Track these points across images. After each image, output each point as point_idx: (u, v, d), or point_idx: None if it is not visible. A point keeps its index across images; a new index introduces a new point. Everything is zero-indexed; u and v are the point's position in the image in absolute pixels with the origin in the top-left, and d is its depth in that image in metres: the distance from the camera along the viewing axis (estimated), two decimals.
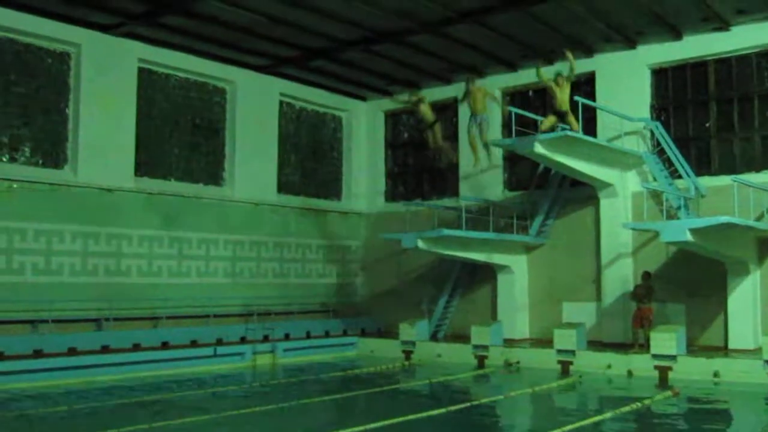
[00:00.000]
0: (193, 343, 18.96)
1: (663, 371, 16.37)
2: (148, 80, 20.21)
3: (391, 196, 25.43)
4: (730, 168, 18.58)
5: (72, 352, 16.67)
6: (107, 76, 18.92)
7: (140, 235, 19.47)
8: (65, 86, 18.61)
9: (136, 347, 17.86)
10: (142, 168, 19.89)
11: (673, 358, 16.36)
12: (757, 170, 18.26)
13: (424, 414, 12.00)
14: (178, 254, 20.28)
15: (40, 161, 18.23)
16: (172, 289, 19.86)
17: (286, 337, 21.09)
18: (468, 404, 13.23)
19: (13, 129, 17.83)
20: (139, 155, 19.78)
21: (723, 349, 17.35)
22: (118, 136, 19.13)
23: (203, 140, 21.58)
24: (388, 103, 25.12)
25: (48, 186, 17.86)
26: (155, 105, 20.44)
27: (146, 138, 20.07)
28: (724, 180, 17.40)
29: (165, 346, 18.43)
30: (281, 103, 23.50)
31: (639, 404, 12.97)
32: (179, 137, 20.98)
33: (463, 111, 23.06)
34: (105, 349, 17.29)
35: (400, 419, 11.43)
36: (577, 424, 11.32)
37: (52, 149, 18.44)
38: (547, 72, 17.55)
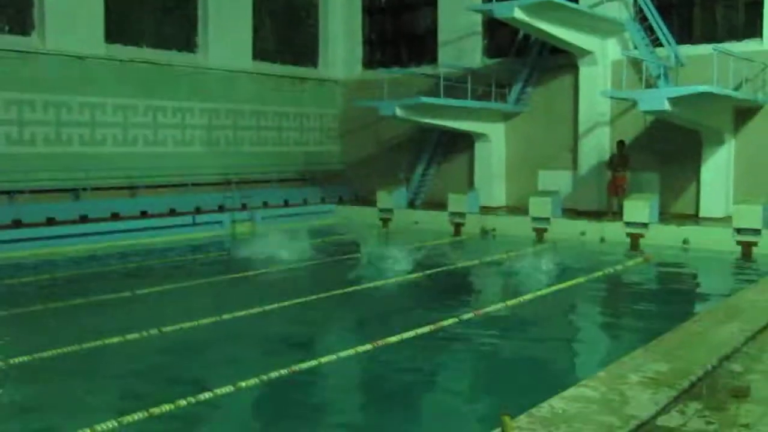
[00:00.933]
0: (172, 212, 19.06)
1: (635, 238, 16.76)
2: None
3: (368, 63, 25.03)
4: (711, 36, 18.36)
5: (50, 222, 16.72)
6: None
7: (114, 103, 19.16)
8: None
9: (115, 216, 17.93)
10: (113, 34, 19.31)
11: (645, 225, 16.70)
12: (739, 39, 18.07)
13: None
14: (153, 123, 20.05)
15: (6, 28, 17.62)
16: (149, 158, 19.76)
17: (264, 205, 21.22)
18: (443, 269, 13.58)
19: None
20: (110, 21, 19.17)
21: (694, 218, 17.72)
22: (87, 2, 18.46)
23: (175, 5, 20.91)
24: None
25: (15, 53, 17.37)
26: None
27: (116, 3, 19.38)
28: (705, 49, 17.22)
29: (143, 215, 18.50)
30: None
31: (611, 269, 13.37)
32: (151, 2, 20.29)
33: None
34: (83, 219, 17.35)
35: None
36: (553, 287, 11.71)
37: (18, 15, 17.80)
38: None
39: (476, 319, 9.74)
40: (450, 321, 9.39)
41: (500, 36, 21.87)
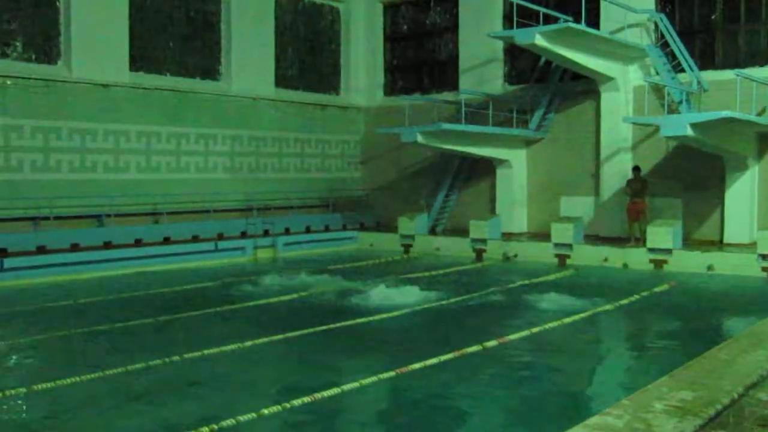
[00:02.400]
0: (195, 238, 19.17)
1: (658, 264, 16.64)
2: None
3: (390, 89, 25.17)
4: (733, 62, 18.32)
5: (75, 248, 16.86)
6: None
7: (138, 130, 19.38)
8: None
9: (138, 243, 18.05)
10: (137, 62, 19.60)
11: (668, 251, 16.58)
12: (761, 64, 18.00)
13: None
14: (177, 149, 20.24)
15: (33, 57, 17.92)
16: (172, 184, 19.93)
17: (286, 231, 21.31)
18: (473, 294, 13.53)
19: (2, 23, 17.47)
20: (134, 49, 19.46)
21: (718, 243, 17.56)
22: (112, 30, 18.79)
23: (198, 33, 21.19)
24: None
25: (42, 82, 17.66)
26: None
27: (140, 31, 19.70)
28: (728, 74, 17.18)
29: (167, 241, 18.63)
30: None
31: (636, 296, 13.26)
32: (174, 30, 20.59)
33: (463, 1, 22.67)
34: (107, 245, 17.48)
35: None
36: (580, 315, 11.62)
37: (45, 44, 18.13)
38: None
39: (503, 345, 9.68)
40: (473, 348, 9.32)
41: (521, 62, 21.94)
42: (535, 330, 10.56)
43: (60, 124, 17.93)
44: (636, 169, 18.08)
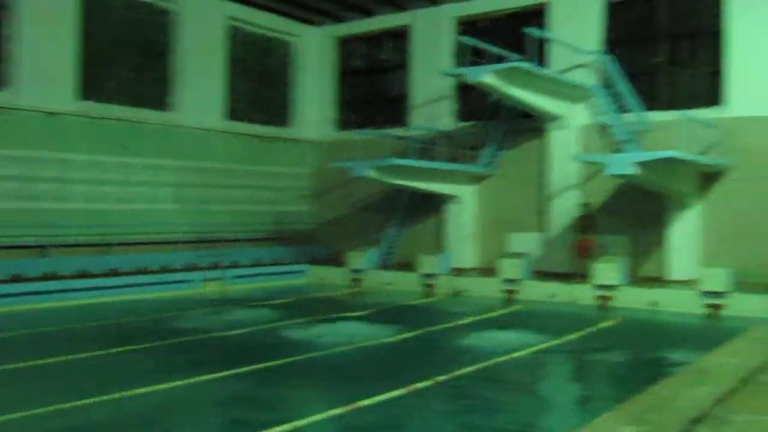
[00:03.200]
0: (142, 270, 18.87)
1: (604, 300, 16.88)
2: (91, 0, 19.52)
3: (342, 124, 25.27)
4: (677, 103, 18.83)
5: (16, 279, 16.46)
6: None
7: (86, 160, 19.09)
8: (3, 5, 17.89)
9: (84, 274, 17.71)
10: (85, 91, 19.36)
11: (613, 287, 16.85)
12: (703, 106, 18.53)
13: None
14: (125, 180, 19.97)
15: None
16: (120, 215, 19.64)
17: (235, 264, 21.10)
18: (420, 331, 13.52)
19: None
20: (83, 78, 19.23)
21: (662, 280, 17.89)
22: (61, 58, 18.57)
23: (149, 64, 21.06)
24: (339, 29, 24.82)
25: None
26: (99, 26, 19.79)
27: (90, 60, 19.48)
28: (671, 115, 17.64)
29: (113, 272, 18.30)
30: (229, 26, 22.97)
31: (582, 332, 13.41)
32: (124, 60, 20.43)
33: (415, 39, 22.98)
34: (51, 276, 17.09)
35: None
36: (527, 351, 11.69)
37: None
38: None
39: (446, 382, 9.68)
40: (422, 384, 9.30)
41: (472, 100, 22.23)
42: (483, 365, 10.59)
43: (5, 152, 17.57)
44: (585, 206, 18.40)
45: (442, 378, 9.65)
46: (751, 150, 17.58)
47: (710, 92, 18.65)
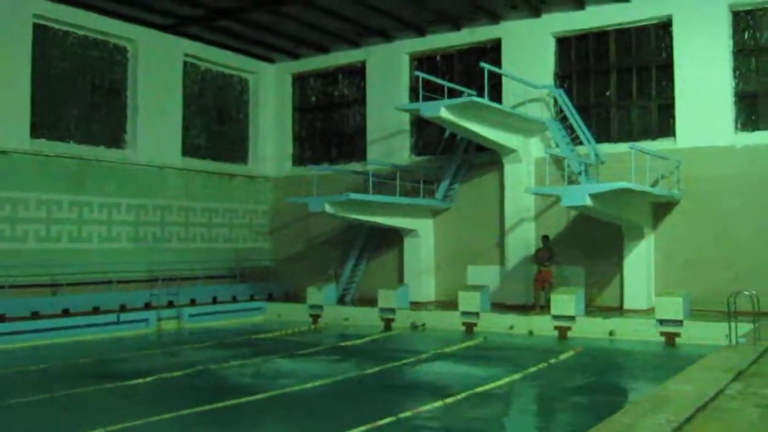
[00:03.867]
0: (96, 310, 18.52)
1: (563, 331, 16.99)
2: (44, 37, 19.35)
3: (298, 160, 25.27)
4: (628, 135, 19.23)
5: None
6: None
7: (37, 198, 18.77)
8: None
9: (35, 315, 17.31)
10: (38, 129, 19.11)
11: (571, 318, 16.98)
12: (653, 138, 18.96)
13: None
14: (79, 219, 19.66)
15: None
16: (73, 254, 19.28)
17: (192, 302, 20.84)
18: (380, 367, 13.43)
19: None
20: (36, 116, 19.00)
21: (619, 310, 18.09)
22: (12, 96, 18.30)
23: (104, 101, 20.89)
24: (295, 66, 24.93)
25: None
26: (52, 63, 19.61)
27: (43, 98, 19.28)
28: (623, 147, 17.97)
29: (65, 313, 17.91)
30: (185, 63, 22.93)
31: (543, 363, 13.45)
32: (78, 98, 20.24)
33: (371, 75, 23.17)
34: (1, 318, 16.68)
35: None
36: (490, 385, 11.67)
37: None
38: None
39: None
40: (387, 420, 9.21)
41: (428, 134, 22.44)
42: (447, 401, 10.52)
43: None
44: (545, 238, 18.57)
45: (405, 414, 9.55)
46: (701, 180, 17.97)
47: (661, 124, 19.08)
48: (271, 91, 25.51)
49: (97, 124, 20.68)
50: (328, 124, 24.81)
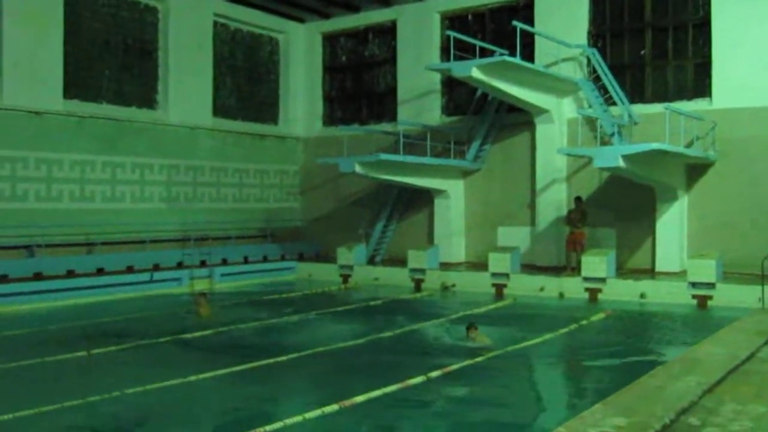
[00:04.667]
0: (129, 269, 18.81)
1: (593, 293, 16.93)
2: None
3: (329, 120, 25.23)
4: (663, 96, 18.91)
5: (3, 279, 16.37)
6: None
7: (72, 159, 18.99)
8: None
9: (71, 274, 17.61)
10: (71, 90, 19.26)
11: (602, 280, 16.90)
12: (689, 98, 18.63)
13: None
14: (112, 179, 19.88)
15: None
16: (107, 214, 19.55)
17: (224, 262, 21.06)
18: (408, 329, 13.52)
19: None
20: (68, 77, 19.13)
21: (651, 272, 17.97)
22: (45, 57, 18.44)
23: (135, 62, 20.96)
24: (326, 25, 24.78)
25: None
26: (84, 25, 19.69)
27: (75, 59, 19.40)
28: (657, 108, 17.70)
29: (100, 272, 18.21)
30: (215, 23, 22.89)
31: (575, 325, 13.44)
32: (110, 59, 20.33)
33: (402, 34, 22.98)
34: (38, 276, 17.00)
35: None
36: (521, 345, 11.70)
37: None
38: None
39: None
40: (417, 379, 9.29)
41: (459, 94, 22.26)
42: (478, 360, 10.58)
43: None
44: (578, 199, 18.40)
45: (436, 374, 9.62)
46: (737, 141, 17.66)
47: (697, 84, 18.72)
48: (301, 51, 25.42)
49: (129, 85, 20.79)
50: (359, 84, 24.70)
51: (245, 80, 24.28)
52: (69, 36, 19.10)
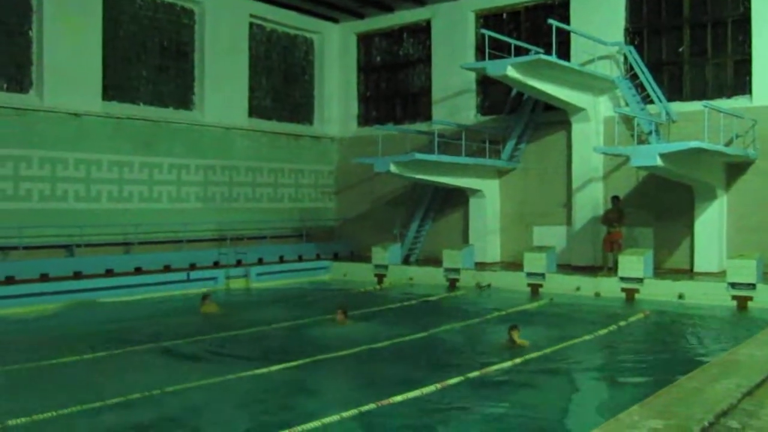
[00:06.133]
0: (166, 268, 19.01)
1: (630, 293, 16.74)
2: (114, 1, 19.68)
3: (363, 120, 25.28)
4: (701, 93, 18.64)
5: (44, 278, 16.64)
6: None
7: (110, 160, 19.25)
8: (27, 7, 18.07)
9: (109, 272, 17.85)
10: (109, 92, 19.54)
11: (640, 280, 16.70)
12: (728, 96, 18.34)
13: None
14: (149, 179, 20.12)
15: (5, 86, 17.80)
16: (144, 214, 19.79)
17: (259, 261, 21.21)
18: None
19: None
20: (107, 79, 19.41)
21: (689, 272, 17.72)
22: (84, 60, 18.72)
23: (172, 63, 21.19)
24: (360, 25, 24.83)
25: (14, 111, 17.53)
26: (122, 27, 19.96)
27: (113, 61, 19.67)
28: (695, 105, 17.47)
29: (138, 271, 18.44)
30: (251, 24, 23.06)
31: (614, 326, 13.29)
32: (147, 60, 20.58)
33: (436, 33, 22.94)
34: (77, 275, 17.26)
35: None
36: (559, 346, 11.61)
37: (17, 73, 18.02)
38: None
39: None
40: (455, 380, 9.27)
41: (494, 93, 22.16)
42: (517, 361, 10.52)
43: (30, 153, 17.77)
44: (615, 198, 18.21)
45: (474, 374, 9.58)
46: None
47: (736, 82, 18.43)
48: (335, 51, 25.50)
49: (166, 86, 21.02)
50: (393, 84, 24.71)
51: (280, 81, 24.41)
52: (107, 39, 19.38)
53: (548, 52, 17.51)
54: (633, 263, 16.82)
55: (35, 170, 17.85)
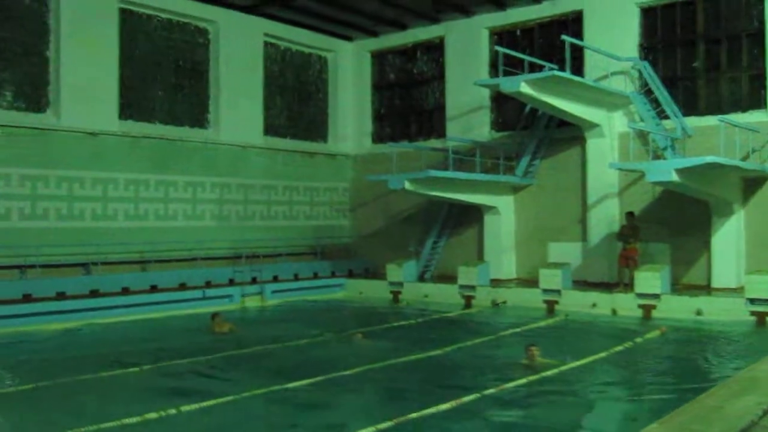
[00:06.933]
0: (182, 286, 19.07)
1: (647, 309, 16.62)
2: (129, 21, 19.88)
3: (378, 137, 25.33)
4: (717, 108, 18.56)
5: (61, 296, 16.72)
6: (88, 17, 18.63)
7: (126, 178, 19.38)
8: (45, 28, 18.28)
9: (125, 291, 17.92)
10: (126, 111, 19.71)
11: (656, 296, 16.59)
12: (744, 110, 18.26)
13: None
14: (165, 197, 20.23)
15: (23, 105, 17.99)
16: (160, 232, 19.89)
17: (275, 278, 21.22)
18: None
19: None
20: (123, 98, 19.58)
21: (706, 288, 17.59)
22: (101, 79, 18.90)
23: (187, 82, 21.34)
24: (374, 43, 24.93)
25: (31, 130, 17.70)
26: (138, 47, 20.14)
27: (129, 80, 19.85)
28: (711, 120, 17.40)
29: (154, 289, 18.51)
30: (265, 43, 23.20)
31: (630, 343, 13.18)
32: (163, 79, 20.74)
33: (450, 50, 23.00)
34: (94, 293, 17.33)
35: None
36: (576, 363, 11.53)
37: (34, 93, 18.21)
38: None
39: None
40: (471, 397, 9.23)
41: (508, 110, 22.16)
42: (532, 378, 10.46)
43: (48, 173, 17.92)
44: (630, 214, 18.12)
45: (490, 392, 9.53)
46: None
47: (751, 96, 18.34)
48: (349, 69, 25.61)
49: (181, 105, 21.17)
50: (407, 101, 24.77)
51: (295, 99, 24.53)
52: (124, 58, 19.55)
53: (562, 68, 17.51)
54: (650, 279, 16.71)
55: (52, 189, 17.99)
